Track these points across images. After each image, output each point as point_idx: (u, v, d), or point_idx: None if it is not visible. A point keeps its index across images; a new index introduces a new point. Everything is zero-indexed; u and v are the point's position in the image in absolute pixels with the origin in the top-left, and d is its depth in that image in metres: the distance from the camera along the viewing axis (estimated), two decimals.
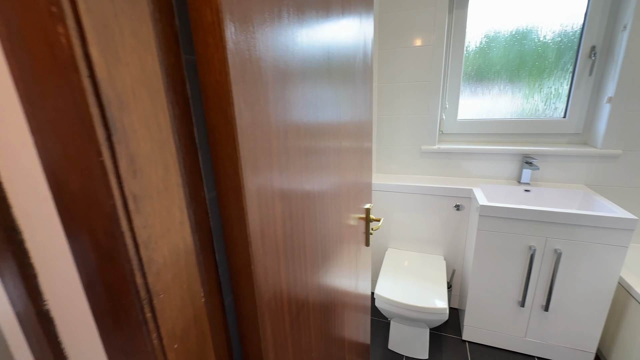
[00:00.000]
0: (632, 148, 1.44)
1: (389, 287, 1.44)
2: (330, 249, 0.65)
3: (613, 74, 1.41)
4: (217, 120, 0.32)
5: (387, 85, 1.77)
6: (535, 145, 1.63)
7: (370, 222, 0.99)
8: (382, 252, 1.91)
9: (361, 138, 0.86)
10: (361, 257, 0.99)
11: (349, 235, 0.81)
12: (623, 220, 1.19)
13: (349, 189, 0.77)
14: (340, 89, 0.63)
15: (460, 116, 1.80)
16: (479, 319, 1.54)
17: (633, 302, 1.25)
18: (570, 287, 1.33)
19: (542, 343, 1.45)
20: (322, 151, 0.56)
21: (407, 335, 1.50)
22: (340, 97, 0.64)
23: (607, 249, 1.24)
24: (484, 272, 1.45)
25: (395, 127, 1.83)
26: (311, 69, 0.48)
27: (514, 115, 1.71)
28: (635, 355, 1.24)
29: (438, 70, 1.64)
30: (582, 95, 1.55)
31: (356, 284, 0.95)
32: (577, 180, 1.57)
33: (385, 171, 1.94)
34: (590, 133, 1.57)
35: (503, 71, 1.67)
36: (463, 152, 1.72)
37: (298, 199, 0.47)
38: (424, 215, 1.74)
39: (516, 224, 1.34)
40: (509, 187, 1.60)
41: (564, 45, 1.55)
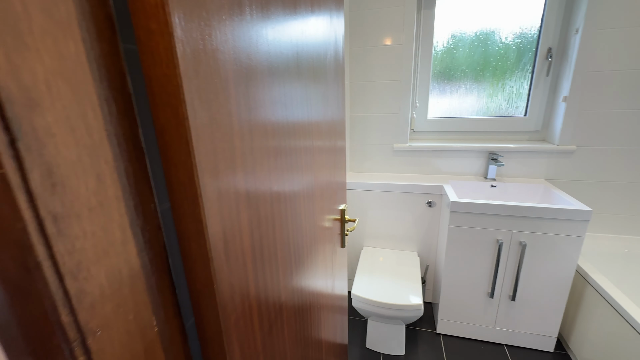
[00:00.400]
0: (585, 144, 1.54)
1: (365, 287, 1.44)
2: (304, 254, 0.62)
3: (567, 74, 1.50)
4: (166, 120, 0.27)
5: (359, 83, 1.76)
6: (500, 142, 1.70)
7: (345, 223, 0.97)
8: (357, 250, 1.91)
9: (334, 137, 0.84)
10: (337, 260, 0.97)
11: (324, 238, 0.79)
12: (579, 212, 1.27)
13: (323, 190, 0.74)
14: (311, 86, 0.60)
15: (430, 114, 1.84)
16: (452, 312, 1.58)
17: (589, 288, 1.34)
18: (534, 277, 1.40)
19: (510, 331, 1.52)
20: (293, 151, 0.53)
21: (384, 333, 1.51)
22: (311, 95, 0.60)
23: (565, 239, 1.32)
24: (456, 266, 1.50)
25: (367, 126, 1.83)
26: (279, 65, 0.45)
27: (479, 114, 1.78)
28: (591, 336, 1.33)
29: (408, 69, 1.66)
30: (541, 94, 1.64)
31: (332, 286, 0.93)
32: (537, 175, 1.66)
33: (358, 170, 1.94)
34: (548, 130, 1.67)
35: (469, 71, 1.73)
36: (433, 149, 1.76)
37: (267, 204, 0.44)
38: (397, 212, 1.76)
39: (485, 218, 1.39)
40: (477, 182, 1.66)
41: (524, 46, 1.63)
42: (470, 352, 1.52)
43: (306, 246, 0.63)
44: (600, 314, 1.28)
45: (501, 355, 1.50)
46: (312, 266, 0.68)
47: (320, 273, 0.76)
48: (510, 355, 1.49)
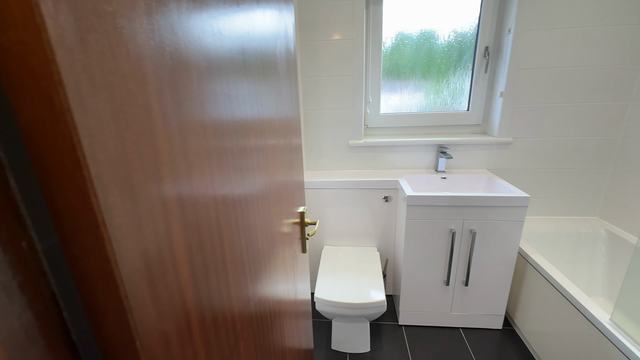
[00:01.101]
0: (520, 136, 1.68)
1: (328, 288, 1.40)
2: (261, 264, 0.54)
3: (503, 71, 1.62)
4: (34, 115, 0.18)
5: (312, 79, 1.71)
6: (447, 136, 1.78)
7: (305, 226, 0.90)
8: (318, 250, 1.87)
9: (290, 135, 0.77)
10: (299, 266, 0.90)
11: (283, 244, 0.72)
12: (519, 199, 1.37)
13: (280, 192, 0.67)
14: (261, 82, 0.53)
15: (382, 110, 1.85)
16: (412, 303, 1.62)
17: (529, 267, 1.47)
18: (483, 262, 1.50)
19: (465, 314, 1.61)
20: (243, 152, 0.45)
21: (349, 333, 1.49)
22: (261, 90, 0.53)
23: (508, 224, 1.42)
24: (414, 258, 1.53)
25: (322, 122, 1.79)
26: (220, 59, 0.37)
27: (428, 109, 1.84)
28: (532, 310, 1.46)
29: (360, 64, 1.65)
30: (480, 90, 1.75)
31: (295, 292, 0.86)
32: (481, 165, 1.77)
33: (315, 168, 1.89)
34: (488, 124, 1.79)
35: (416, 68, 1.77)
36: (387, 145, 1.79)
37: (212, 217, 0.35)
38: (356, 209, 1.75)
39: (439, 210, 1.43)
40: (429, 175, 1.72)
41: (464, 45, 1.72)
42: (430, 339, 1.57)
43: (263, 255, 0.55)
44: (539, 289, 1.40)
45: (458, 338, 1.58)
46: (270, 275, 0.61)
47: (280, 281, 0.69)
48: (465, 337, 1.58)
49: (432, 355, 1.48)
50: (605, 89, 1.55)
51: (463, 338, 1.58)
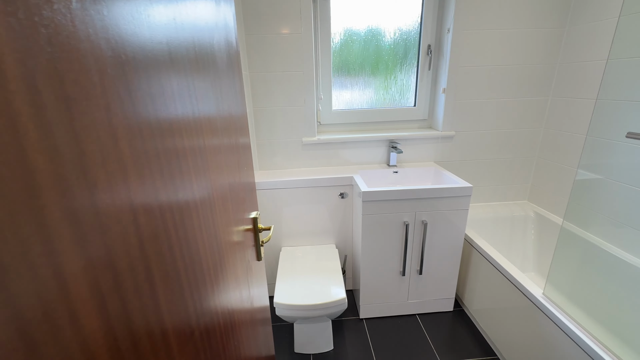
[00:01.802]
0: (462, 129, 1.80)
1: (287, 292, 1.35)
2: (205, 283, 0.48)
3: (444, 68, 1.71)
4: None
5: (261, 74, 1.63)
6: (397, 131, 1.84)
7: (259, 232, 0.85)
8: (276, 253, 1.81)
9: (235, 134, 0.70)
10: (254, 275, 0.84)
11: (234, 255, 0.65)
12: (464, 189, 1.47)
13: (226, 198, 0.61)
14: (196, 77, 0.46)
15: (334, 107, 1.85)
16: (371, 296, 1.65)
17: (474, 252, 1.58)
18: (434, 250, 1.58)
19: (420, 301, 1.69)
20: (172, 155, 0.38)
21: (311, 334, 1.46)
22: (197, 87, 0.46)
23: (455, 213, 1.51)
24: (372, 252, 1.56)
25: (274, 120, 1.72)
26: (135, 53, 0.29)
27: (377, 105, 1.88)
28: (478, 291, 1.58)
29: (309, 60, 1.62)
30: (425, 86, 1.83)
31: (251, 302, 0.81)
32: (428, 158, 1.86)
33: (268, 167, 1.82)
34: (433, 118, 1.89)
35: (365, 64, 1.79)
36: (341, 141, 1.78)
37: (131, 239, 0.29)
38: (312, 207, 1.72)
39: (393, 204, 1.47)
40: (382, 170, 1.76)
41: (409, 43, 1.78)
42: (390, 329, 1.62)
43: (208, 270, 0.49)
44: (483, 271, 1.52)
45: (415, 324, 1.65)
46: (219, 290, 0.55)
47: (232, 293, 0.63)
48: (421, 322, 1.66)
49: (392, 344, 1.53)
50: (529, 85, 1.72)
51: (419, 323, 1.65)
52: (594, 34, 1.47)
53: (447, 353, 1.47)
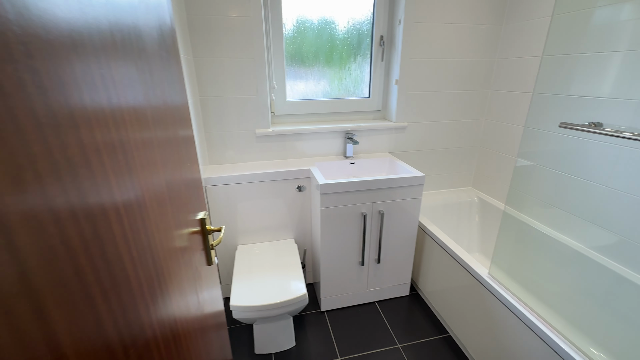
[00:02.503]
0: (414, 120, 1.86)
1: (246, 293, 1.28)
2: (139, 305, 0.40)
3: (396, 60, 1.73)
4: None
5: (207, 60, 1.49)
6: (352, 122, 1.83)
7: (208, 234, 0.77)
8: (232, 252, 1.71)
9: (173, 125, 0.61)
10: (204, 281, 0.77)
11: (177, 263, 0.57)
12: (417, 178, 1.51)
13: (163, 199, 0.53)
14: (114, 61, 0.37)
15: (289, 97, 1.78)
16: (332, 288, 1.65)
17: (427, 238, 1.66)
18: (391, 239, 1.62)
19: (379, 289, 1.73)
20: (74, 150, 0.30)
21: (272, 333, 1.42)
22: (116, 72, 0.38)
23: (409, 202, 1.56)
24: (331, 245, 1.55)
25: (224, 110, 1.60)
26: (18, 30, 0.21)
27: (333, 96, 1.85)
28: (431, 274, 1.67)
29: (260, 46, 1.52)
30: (379, 77, 1.85)
31: (201, 310, 0.73)
32: (383, 149, 1.90)
33: (220, 161, 1.70)
34: (387, 110, 1.92)
35: (320, 53, 1.75)
36: (296, 133, 1.73)
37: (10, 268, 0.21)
38: (269, 202, 1.65)
39: (350, 195, 1.47)
40: (339, 162, 1.75)
41: (362, 33, 1.77)
42: (351, 319, 1.64)
43: (140, 285, 0.41)
44: (435, 255, 1.60)
45: (374, 311, 1.69)
46: (157, 305, 0.47)
47: (176, 305, 0.55)
48: (380, 309, 1.71)
49: (354, 333, 1.55)
50: (473, 79, 1.83)
51: (378, 310, 1.70)
52: (528, 32, 1.60)
53: (404, 336, 1.53)
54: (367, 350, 1.45)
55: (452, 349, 1.46)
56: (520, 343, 1.10)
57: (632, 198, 1.19)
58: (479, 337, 1.32)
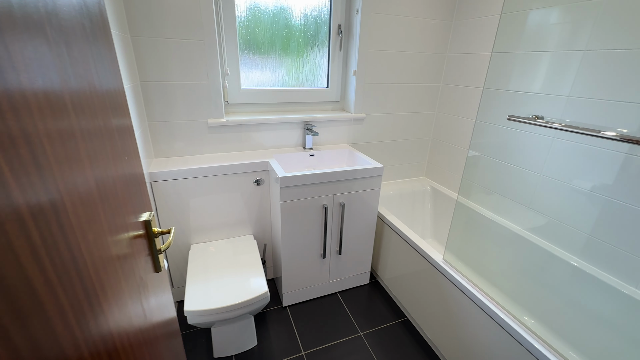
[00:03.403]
0: (372, 112, 1.88)
1: (201, 296, 1.19)
2: (57, 334, 0.33)
3: (354, 50, 1.72)
4: None
5: (148, 39, 1.33)
6: (311, 113, 1.79)
7: (155, 238, 0.68)
8: (184, 252, 1.59)
9: (104, 113, 0.52)
10: (151, 290, 0.68)
11: (114, 274, 0.49)
12: (376, 169, 1.53)
13: (91, 200, 0.44)
14: (12, 40, 0.28)
15: (243, 85, 1.67)
16: (294, 283, 1.63)
17: (386, 227, 1.71)
18: (352, 230, 1.63)
19: (340, 280, 1.75)
20: None
21: (232, 334, 1.35)
22: (10, 51, 0.28)
23: (369, 193, 1.58)
24: (292, 238, 1.51)
25: (171, 97, 1.45)
26: None
27: (290, 85, 1.79)
28: (389, 261, 1.73)
29: (211, 28, 1.39)
30: (337, 68, 1.82)
31: (148, 321, 0.65)
32: (342, 140, 1.89)
33: (168, 154, 1.55)
34: (345, 100, 1.91)
35: (276, 40, 1.66)
36: (253, 123, 1.64)
37: None
38: (225, 197, 1.56)
39: (311, 188, 1.44)
40: (298, 153, 1.71)
41: (320, 21, 1.72)
42: (313, 312, 1.63)
43: (60, 307, 0.34)
44: (393, 243, 1.66)
45: (336, 301, 1.71)
46: (94, 324, 0.39)
47: (114, 321, 0.48)
48: (342, 299, 1.73)
49: (317, 326, 1.55)
50: (425, 72, 1.90)
51: (340, 301, 1.72)
52: (476, 30, 1.69)
53: (366, 323, 1.57)
54: (331, 341, 1.46)
55: (411, 332, 1.53)
56: (471, 320, 1.18)
57: (560, 184, 1.34)
58: (434, 319, 1.40)
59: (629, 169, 1.12)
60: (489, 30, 1.60)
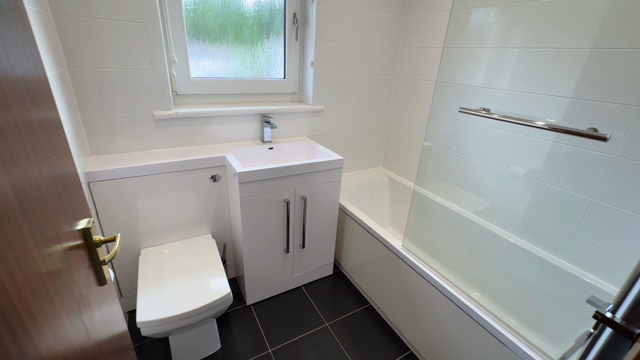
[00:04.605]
0: (330, 104, 1.87)
1: (156, 304, 1.10)
2: None
3: (311, 40, 1.69)
4: None
5: (76, 19, 1.15)
6: (268, 105, 1.73)
7: (97, 247, 0.60)
8: (133, 259, 1.45)
9: (20, 105, 0.43)
10: (95, 305, 0.60)
11: (47, 293, 0.42)
12: (337, 161, 1.54)
13: (7, 210, 0.37)
14: None
15: (193, 74, 1.55)
16: (257, 280, 1.58)
17: (348, 218, 1.73)
18: (314, 222, 1.63)
19: (304, 273, 1.75)
20: None
21: (193, 340, 1.27)
22: None
23: (330, 185, 1.58)
24: (253, 235, 1.46)
25: (107, 87, 1.29)
26: None
27: (245, 75, 1.70)
28: (351, 251, 1.77)
29: (152, 9, 1.25)
30: (294, 58, 1.78)
31: (94, 339, 0.58)
32: (302, 133, 1.87)
33: (108, 151, 1.39)
34: (303, 92, 1.87)
35: (228, 27, 1.56)
36: (206, 115, 1.53)
37: None
38: (178, 195, 1.45)
39: (272, 182, 1.39)
40: (256, 147, 1.64)
41: (275, 8, 1.65)
42: (279, 308, 1.61)
43: None
44: (355, 233, 1.69)
45: (301, 295, 1.71)
46: (18, 355, 0.33)
47: (49, 346, 0.41)
48: (307, 292, 1.73)
49: (283, 322, 1.53)
50: (380, 65, 1.94)
51: (305, 294, 1.72)
52: (427, 24, 1.75)
53: (331, 314, 1.59)
54: (298, 335, 1.46)
55: (374, 318, 1.59)
56: (428, 300, 1.26)
57: (499, 170, 1.47)
58: (395, 302, 1.46)
59: (555, 155, 1.27)
60: (440, 25, 1.68)
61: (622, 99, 1.05)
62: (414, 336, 1.38)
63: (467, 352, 1.13)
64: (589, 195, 1.18)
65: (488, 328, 1.02)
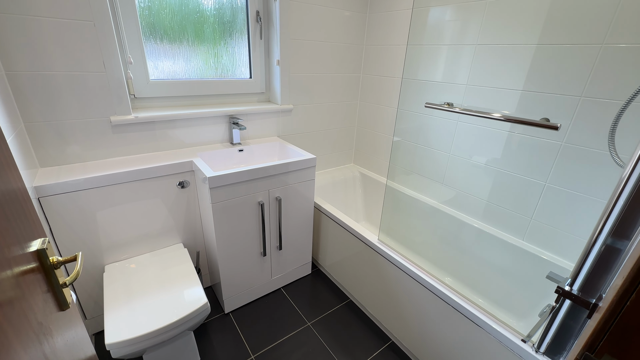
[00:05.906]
0: (299, 102, 1.86)
1: (125, 324, 1.03)
2: None
3: (276, 39, 1.66)
4: None
5: (11, 17, 1.03)
6: (234, 106, 1.68)
7: (55, 269, 0.54)
8: (97, 276, 1.34)
9: None
10: (56, 332, 0.55)
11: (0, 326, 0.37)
12: (309, 160, 1.53)
13: None
14: None
15: (152, 76, 1.46)
16: (234, 286, 1.54)
17: (323, 216, 1.74)
18: (290, 223, 1.62)
19: (282, 275, 1.73)
20: None
21: (170, 357, 1.21)
22: None
23: (304, 184, 1.58)
24: (228, 240, 1.42)
25: (54, 91, 1.17)
26: None
27: (209, 76, 1.64)
28: (329, 248, 1.78)
29: (102, 6, 1.16)
30: (259, 57, 1.74)
31: None
32: (272, 133, 1.84)
33: (60, 162, 1.27)
34: (271, 92, 1.84)
35: (187, 25, 1.49)
36: (169, 119, 1.45)
37: None
38: (143, 205, 1.36)
39: (244, 185, 1.36)
40: (225, 150, 1.59)
41: (236, 6, 1.60)
42: (259, 312, 1.58)
43: None
44: (331, 230, 1.70)
45: (281, 297, 1.69)
46: None
47: None
48: (287, 293, 1.71)
49: (264, 326, 1.50)
50: (347, 63, 1.96)
51: (285, 295, 1.70)
52: (390, 22, 1.80)
53: (312, 313, 1.59)
54: (280, 338, 1.44)
55: (355, 312, 1.61)
56: (405, 290, 1.30)
57: (463, 160, 1.55)
58: (374, 295, 1.50)
59: (511, 144, 1.37)
60: (401, 23, 1.73)
61: (568, 91, 1.15)
62: (394, 326, 1.42)
63: (444, 335, 1.18)
64: (543, 180, 1.29)
65: (461, 310, 1.08)
